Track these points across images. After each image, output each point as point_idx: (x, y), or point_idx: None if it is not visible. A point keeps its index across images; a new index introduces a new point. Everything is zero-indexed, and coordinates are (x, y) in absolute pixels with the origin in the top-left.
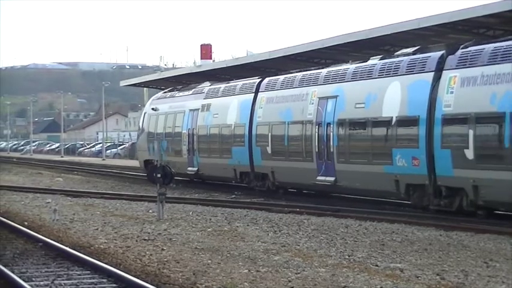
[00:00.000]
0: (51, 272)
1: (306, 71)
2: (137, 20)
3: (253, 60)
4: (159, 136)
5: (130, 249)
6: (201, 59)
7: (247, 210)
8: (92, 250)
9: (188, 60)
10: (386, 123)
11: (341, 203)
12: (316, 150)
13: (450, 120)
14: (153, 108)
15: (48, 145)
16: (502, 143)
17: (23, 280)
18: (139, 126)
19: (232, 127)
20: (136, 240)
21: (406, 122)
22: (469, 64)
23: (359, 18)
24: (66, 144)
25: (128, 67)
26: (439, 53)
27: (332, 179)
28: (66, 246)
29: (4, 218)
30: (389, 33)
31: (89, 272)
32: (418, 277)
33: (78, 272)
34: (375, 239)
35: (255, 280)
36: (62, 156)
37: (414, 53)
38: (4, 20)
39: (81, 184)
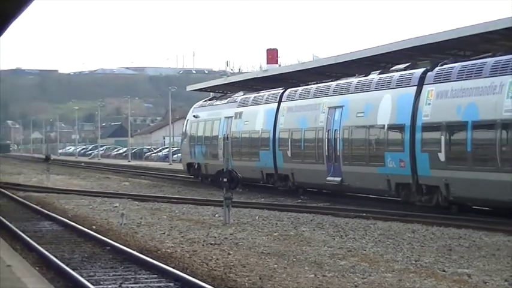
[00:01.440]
0: (119, 275)
1: (321, 83)
2: (204, 25)
3: (319, 65)
4: (199, 141)
5: (196, 254)
6: (267, 63)
7: (313, 214)
8: (158, 254)
9: (254, 65)
10: (380, 130)
11: (407, 208)
12: (326, 153)
13: (427, 127)
14: (194, 116)
15: (116, 150)
16: (465, 147)
17: (91, 283)
18: (182, 132)
19: (260, 133)
20: (203, 245)
21: (395, 129)
22: (443, 80)
23: (426, 21)
24: (133, 149)
25: (194, 72)
26: (421, 70)
27: (339, 179)
28: (134, 250)
29: (73, 222)
30: (455, 37)
31: (156, 276)
32: (486, 283)
33: (145, 276)
34: (442, 244)
35: (321, 285)
36: (129, 161)
37: (405, 69)
38: (73, 25)
39: (148, 188)
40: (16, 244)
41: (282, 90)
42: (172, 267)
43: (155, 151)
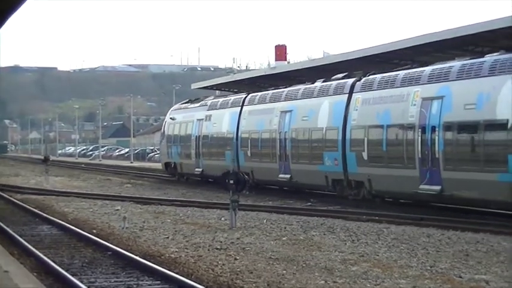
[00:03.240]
0: (121, 281)
1: (276, 89)
2: (209, 20)
3: (329, 62)
4: (175, 142)
5: (202, 259)
6: (276, 60)
7: (323, 218)
8: (162, 259)
9: (262, 62)
10: (319, 132)
11: (423, 211)
12: (278, 153)
13: (355, 130)
14: (171, 118)
15: (118, 150)
16: (382, 148)
17: None
18: (161, 133)
19: (225, 134)
20: (208, 249)
21: (331, 131)
22: (367, 89)
23: (443, 17)
24: (135, 150)
25: (199, 69)
26: (352, 80)
27: (288, 176)
28: (136, 255)
29: (73, 225)
30: (473, 32)
31: (159, 282)
32: None
33: (148, 282)
34: (459, 249)
35: None
36: (131, 162)
37: (342, 78)
38: (72, 21)
39: (151, 191)
40: (13, 249)
41: (245, 96)
42: (177, 273)
43: (158, 152)
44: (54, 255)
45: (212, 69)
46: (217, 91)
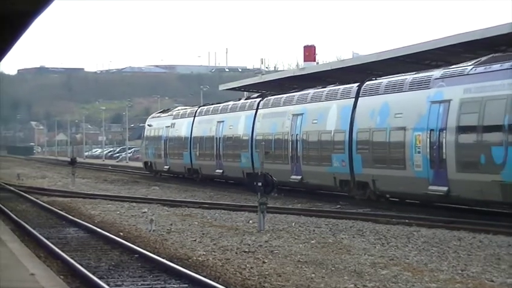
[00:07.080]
0: (148, 285)
1: (216, 104)
2: (238, 21)
3: (359, 62)
4: (151, 144)
5: (229, 262)
6: (304, 61)
7: (352, 221)
8: (189, 262)
9: (291, 63)
10: (239, 137)
11: (454, 214)
12: (215, 154)
13: (257, 137)
14: (148, 124)
15: None
16: (271, 149)
17: None
18: (142, 137)
19: (183, 139)
20: (236, 253)
21: (245, 137)
22: (265, 107)
23: (475, 18)
24: None
25: (227, 70)
26: (259, 99)
27: (221, 171)
28: (163, 258)
29: (99, 228)
30: (506, 32)
31: (186, 285)
32: None
33: (175, 286)
34: (490, 252)
35: None
36: None
37: (257, 97)
38: (99, 22)
39: (179, 193)
40: (40, 251)
41: (197, 108)
42: (204, 276)
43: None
44: (80, 258)
45: (240, 70)
46: (245, 92)
